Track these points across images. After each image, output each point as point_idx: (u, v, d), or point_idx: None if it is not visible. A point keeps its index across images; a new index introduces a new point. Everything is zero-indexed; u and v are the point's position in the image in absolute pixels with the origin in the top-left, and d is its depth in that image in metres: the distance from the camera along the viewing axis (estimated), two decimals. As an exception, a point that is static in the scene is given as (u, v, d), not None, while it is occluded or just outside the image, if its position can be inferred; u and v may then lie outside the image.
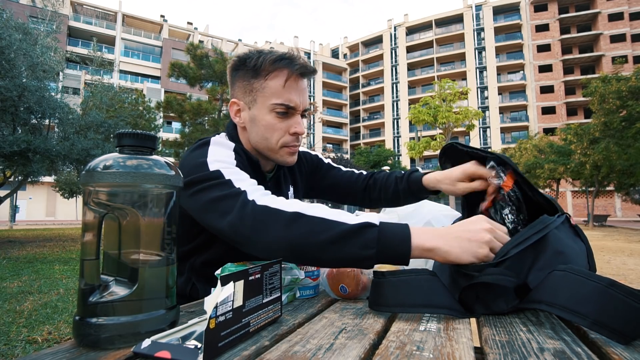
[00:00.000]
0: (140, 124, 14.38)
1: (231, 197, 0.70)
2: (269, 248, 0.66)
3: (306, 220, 0.64)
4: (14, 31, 7.30)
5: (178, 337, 0.47)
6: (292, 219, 0.64)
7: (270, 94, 0.86)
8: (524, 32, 43.20)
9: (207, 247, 0.94)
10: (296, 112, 0.89)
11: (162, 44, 39.40)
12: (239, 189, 0.72)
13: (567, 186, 30.36)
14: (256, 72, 0.87)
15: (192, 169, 0.78)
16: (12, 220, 21.28)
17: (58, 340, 2.44)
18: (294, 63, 0.86)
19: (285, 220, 0.65)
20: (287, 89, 0.86)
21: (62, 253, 7.20)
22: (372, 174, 1.17)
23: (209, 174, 0.75)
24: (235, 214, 0.68)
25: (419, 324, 0.57)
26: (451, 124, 20.83)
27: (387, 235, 0.62)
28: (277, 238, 0.65)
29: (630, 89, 14.73)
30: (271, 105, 0.86)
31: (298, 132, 0.89)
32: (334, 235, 0.62)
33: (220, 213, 0.70)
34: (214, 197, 0.72)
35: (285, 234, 0.64)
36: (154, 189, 0.50)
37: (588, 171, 18.05)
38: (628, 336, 0.46)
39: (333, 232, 0.62)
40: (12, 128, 7.78)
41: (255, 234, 0.66)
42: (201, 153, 0.81)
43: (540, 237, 0.64)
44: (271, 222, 0.65)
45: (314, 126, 46.48)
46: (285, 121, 0.88)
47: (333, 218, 0.64)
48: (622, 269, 5.44)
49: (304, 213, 0.65)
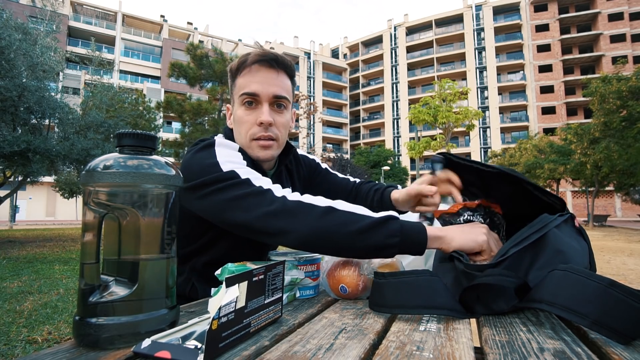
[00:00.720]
0: (140, 124, 14.37)
1: (255, 195, 0.73)
2: (303, 238, 0.70)
3: (338, 214, 0.70)
4: (14, 31, 7.29)
5: (178, 337, 0.47)
6: (326, 212, 0.70)
7: (238, 89, 0.91)
8: (524, 32, 43.20)
9: (209, 248, 0.95)
10: (261, 101, 0.90)
11: (162, 44, 39.38)
12: (260, 187, 0.74)
13: (567, 186, 30.38)
14: (233, 75, 0.93)
15: (202, 170, 0.78)
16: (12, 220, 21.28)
17: (58, 340, 2.44)
18: (252, 54, 0.90)
19: (319, 213, 0.70)
20: (249, 80, 0.89)
21: (62, 253, 7.20)
22: (360, 183, 1.19)
23: (224, 174, 0.76)
24: (265, 209, 0.71)
25: (419, 324, 0.57)
26: (451, 124, 20.80)
27: (408, 226, 0.70)
28: (313, 228, 0.69)
29: (631, 89, 14.73)
30: (239, 99, 0.91)
31: (263, 121, 0.89)
32: (363, 226, 0.68)
33: (245, 209, 0.72)
34: (235, 195, 0.74)
35: (320, 224, 0.69)
36: (154, 189, 0.50)
37: (589, 171, 18.05)
38: (628, 336, 0.46)
39: (362, 224, 0.69)
40: (12, 128, 7.78)
41: (290, 224, 0.70)
42: (209, 154, 0.82)
43: (540, 236, 0.64)
44: (306, 214, 0.70)
45: (314, 126, 46.47)
46: (252, 113, 0.90)
47: (361, 212, 0.71)
48: (622, 269, 5.44)
49: (335, 207, 0.71)
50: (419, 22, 49.44)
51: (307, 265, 0.76)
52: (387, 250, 0.69)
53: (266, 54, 0.90)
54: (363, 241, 0.68)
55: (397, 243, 0.68)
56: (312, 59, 50.68)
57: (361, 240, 0.68)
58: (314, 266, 0.77)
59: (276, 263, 0.57)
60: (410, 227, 0.70)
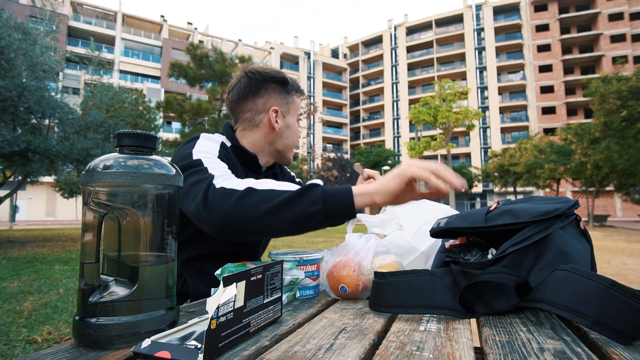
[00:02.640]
0: (140, 124, 14.35)
1: (201, 182, 0.77)
2: (222, 224, 0.71)
3: (256, 194, 0.71)
4: (14, 31, 7.29)
5: (178, 337, 0.47)
6: (243, 195, 0.71)
7: (297, 107, 1.13)
8: (524, 32, 43.19)
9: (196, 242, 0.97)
10: None
11: (162, 44, 39.36)
12: (210, 174, 0.79)
13: (567, 186, 30.37)
14: (288, 90, 1.09)
15: (179, 159, 0.86)
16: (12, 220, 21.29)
17: (58, 340, 2.44)
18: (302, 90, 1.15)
19: (236, 197, 0.71)
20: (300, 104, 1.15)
21: (62, 253, 7.20)
22: None
23: (191, 162, 0.83)
24: (199, 197, 0.73)
25: (419, 324, 0.57)
26: (451, 124, 20.79)
27: (331, 190, 0.69)
28: (226, 213, 0.70)
29: (631, 89, 14.73)
30: (297, 114, 1.13)
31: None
32: (283, 200, 0.68)
33: (192, 197, 0.76)
34: (190, 182, 0.79)
35: (234, 208, 0.70)
36: (154, 189, 0.50)
37: (589, 171, 18.05)
38: (628, 336, 0.46)
39: (281, 198, 0.69)
40: (12, 128, 7.77)
41: (208, 213, 0.71)
42: (190, 145, 0.91)
43: (544, 237, 0.64)
44: (223, 201, 0.71)
45: (314, 126, 46.48)
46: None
47: (283, 188, 0.71)
48: (622, 269, 5.44)
49: (255, 188, 0.72)
50: (419, 22, 49.43)
51: (307, 265, 0.76)
52: (312, 219, 0.67)
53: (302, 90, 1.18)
54: (284, 215, 0.68)
55: (321, 209, 0.66)
56: (312, 59, 50.66)
57: (282, 215, 0.68)
58: (314, 266, 0.77)
59: (274, 263, 0.57)
60: (333, 190, 0.69)
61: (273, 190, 0.71)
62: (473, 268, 0.63)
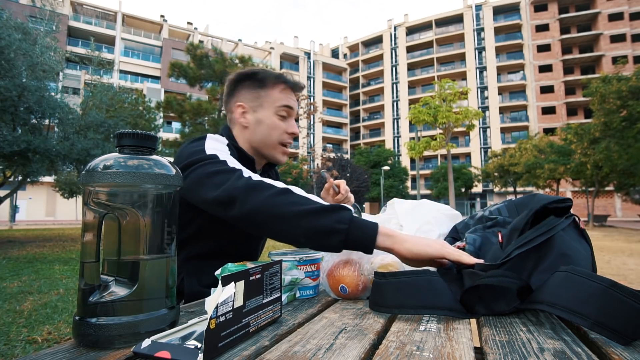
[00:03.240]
0: (140, 124, 14.36)
1: (227, 172, 0.79)
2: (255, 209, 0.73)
3: (293, 195, 0.74)
4: (14, 31, 7.29)
5: (178, 337, 0.47)
6: (282, 192, 0.74)
7: (275, 99, 1.05)
8: (524, 32, 43.19)
9: (196, 241, 0.98)
10: (292, 115, 1.08)
11: (162, 44, 39.36)
12: (234, 167, 0.81)
13: (567, 186, 30.36)
14: (262, 83, 1.05)
15: (190, 155, 0.86)
16: (12, 220, 21.29)
17: (58, 340, 2.44)
18: (290, 79, 1.08)
19: (275, 191, 0.74)
20: (287, 97, 1.07)
21: (62, 253, 7.20)
22: None
23: (206, 155, 0.84)
24: (230, 183, 0.76)
25: (419, 324, 0.57)
26: (451, 124, 20.80)
27: (358, 219, 0.72)
28: (263, 202, 0.73)
29: (631, 89, 14.71)
30: (276, 107, 1.05)
31: (295, 132, 1.07)
32: (315, 208, 0.72)
33: (215, 185, 0.78)
34: (210, 171, 0.80)
35: (272, 200, 0.73)
36: (154, 189, 0.50)
37: (589, 171, 18.04)
38: (628, 337, 0.46)
39: (314, 206, 0.72)
40: (12, 128, 7.77)
41: (245, 196, 0.74)
42: (198, 144, 0.92)
43: (546, 239, 0.64)
44: (263, 191, 0.74)
45: (314, 126, 46.47)
46: (284, 122, 1.06)
47: (315, 199, 0.75)
48: (622, 269, 5.44)
49: (293, 191, 0.76)
50: (419, 22, 49.42)
51: (307, 265, 0.76)
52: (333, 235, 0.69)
53: (298, 82, 1.10)
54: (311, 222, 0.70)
55: (345, 230, 0.69)
56: (312, 59, 50.65)
57: (309, 221, 0.71)
58: (314, 266, 0.77)
59: (273, 262, 0.57)
60: (361, 220, 0.72)
61: (308, 198, 0.75)
62: (479, 269, 0.63)
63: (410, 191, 41.19)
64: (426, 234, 0.94)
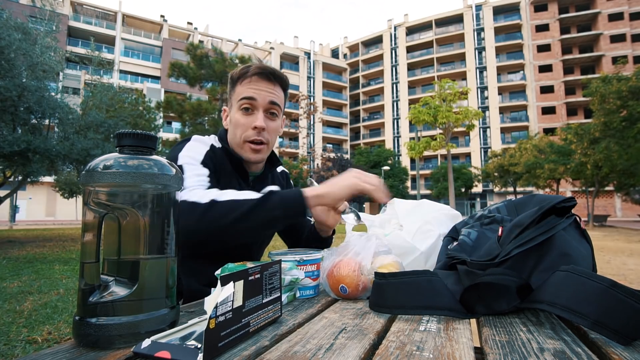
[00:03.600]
0: (140, 124, 14.36)
1: None
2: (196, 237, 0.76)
3: (219, 206, 0.76)
4: (14, 31, 7.29)
5: (178, 337, 0.47)
6: (207, 207, 0.76)
7: (237, 94, 1.01)
8: (524, 32, 43.19)
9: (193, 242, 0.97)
10: (257, 107, 1.00)
11: (162, 44, 39.36)
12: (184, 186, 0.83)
13: (567, 186, 30.37)
14: (233, 82, 1.04)
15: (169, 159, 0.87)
16: (12, 220, 21.29)
17: (58, 340, 2.44)
18: (253, 67, 1.01)
19: (201, 211, 0.76)
20: (249, 88, 1.00)
21: (62, 253, 7.20)
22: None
23: None
24: None
25: (419, 324, 0.57)
26: (451, 124, 20.79)
27: (286, 196, 0.78)
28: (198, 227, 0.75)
29: (631, 89, 14.71)
30: (237, 103, 1.01)
31: (257, 126, 0.99)
32: (245, 210, 0.75)
33: None
34: None
35: (202, 222, 0.75)
36: (154, 189, 0.50)
37: (589, 171, 18.04)
38: (629, 337, 0.46)
39: (244, 208, 0.75)
40: (12, 128, 7.77)
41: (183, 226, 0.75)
42: (179, 147, 0.95)
43: (546, 238, 0.64)
44: (190, 214, 0.75)
45: (314, 126, 46.47)
46: (248, 117, 1.00)
47: (243, 197, 0.77)
48: (622, 269, 5.44)
49: (217, 200, 0.77)
50: (419, 22, 49.42)
51: (307, 265, 0.76)
52: (275, 222, 0.76)
53: (266, 68, 1.01)
54: (250, 222, 0.74)
55: (282, 214, 0.75)
56: (312, 59, 50.65)
57: (248, 223, 0.74)
58: (314, 266, 0.77)
59: (272, 262, 0.57)
60: (288, 195, 0.78)
61: (235, 200, 0.76)
62: (477, 268, 0.63)
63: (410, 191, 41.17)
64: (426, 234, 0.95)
